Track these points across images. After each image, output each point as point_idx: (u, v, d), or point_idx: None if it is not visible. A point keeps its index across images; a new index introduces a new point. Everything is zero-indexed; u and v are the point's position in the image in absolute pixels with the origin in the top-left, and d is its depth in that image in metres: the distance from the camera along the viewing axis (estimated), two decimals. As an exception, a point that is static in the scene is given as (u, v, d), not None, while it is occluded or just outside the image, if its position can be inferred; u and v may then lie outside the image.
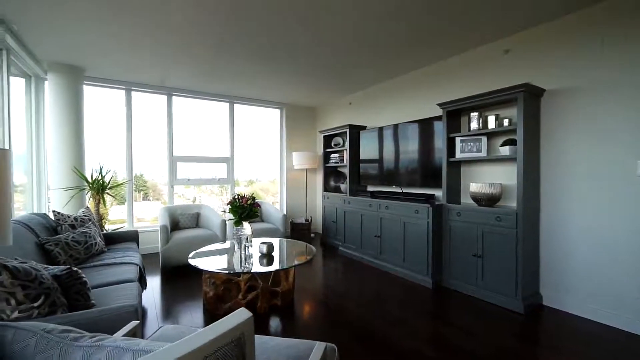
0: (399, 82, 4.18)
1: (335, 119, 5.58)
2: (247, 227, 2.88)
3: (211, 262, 2.65)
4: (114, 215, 4.46)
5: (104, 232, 3.39)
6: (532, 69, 2.77)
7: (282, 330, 2.35)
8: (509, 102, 2.82)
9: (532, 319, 2.45)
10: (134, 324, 1.30)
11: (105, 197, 3.74)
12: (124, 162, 4.43)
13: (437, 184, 3.41)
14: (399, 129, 3.93)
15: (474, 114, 3.04)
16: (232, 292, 2.59)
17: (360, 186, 4.62)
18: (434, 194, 3.42)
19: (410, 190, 3.85)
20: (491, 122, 2.92)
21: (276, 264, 2.60)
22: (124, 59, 3.47)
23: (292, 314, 2.59)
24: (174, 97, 4.76)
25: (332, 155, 5.15)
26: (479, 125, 3.01)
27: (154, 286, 3.18)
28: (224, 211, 4.51)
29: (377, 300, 2.86)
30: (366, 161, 4.47)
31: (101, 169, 3.74)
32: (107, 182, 3.74)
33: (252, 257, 2.73)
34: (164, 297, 2.94)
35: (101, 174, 3.71)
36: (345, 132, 4.72)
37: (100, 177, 3.67)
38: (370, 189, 4.45)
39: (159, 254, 3.78)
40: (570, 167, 2.54)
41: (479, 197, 2.90)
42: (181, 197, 5.17)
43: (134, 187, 4.57)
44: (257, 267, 2.52)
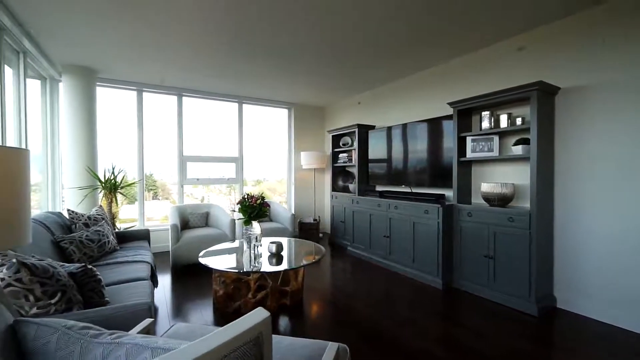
0: (407, 82, 4.15)
1: (343, 119, 5.57)
2: (256, 226, 2.89)
3: (221, 261, 2.67)
4: (124, 214, 4.53)
5: (116, 230, 3.45)
6: (545, 67, 2.71)
7: (291, 329, 2.36)
8: (522, 101, 2.77)
9: (546, 321, 2.41)
10: (148, 321, 1.32)
11: (117, 196, 3.81)
12: (135, 162, 4.50)
13: (446, 184, 3.37)
14: (407, 128, 3.90)
15: (486, 113, 2.99)
16: (242, 291, 2.61)
17: (368, 186, 4.60)
18: (443, 194, 3.39)
19: (419, 190, 3.81)
20: (503, 121, 2.87)
21: (285, 264, 2.61)
22: (135, 60, 3.52)
23: (301, 314, 2.59)
24: (184, 98, 4.81)
25: (341, 155, 5.14)
26: (491, 124, 2.97)
27: (164, 284, 3.22)
28: (233, 210, 4.55)
29: (386, 300, 2.85)
30: (375, 161, 4.45)
31: (113, 168, 3.80)
32: (119, 182, 3.80)
33: (261, 257, 2.74)
34: (174, 295, 2.97)
35: (113, 173, 3.77)
36: (353, 132, 4.70)
37: (112, 177, 3.73)
38: (379, 188, 4.43)
39: (169, 252, 3.83)
40: (587, 166, 2.48)
41: (490, 197, 2.86)
42: (189, 196, 5.22)
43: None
44: (267, 266, 2.53)
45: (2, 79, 2.50)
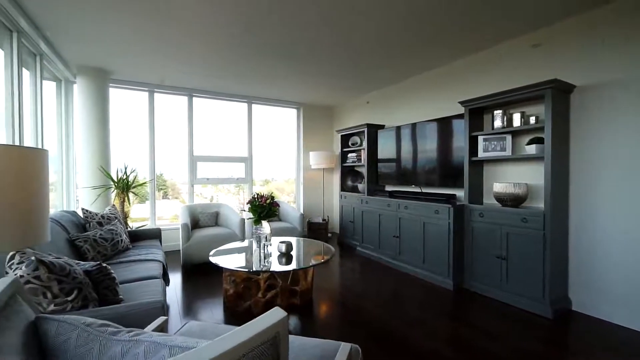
0: (416, 81, 4.11)
1: (352, 119, 5.55)
2: (266, 226, 2.90)
3: (231, 260, 2.69)
4: (135, 213, 4.60)
5: (129, 229, 3.50)
6: (558, 64, 2.65)
7: (301, 329, 2.36)
8: (535, 99, 2.72)
9: (562, 324, 2.36)
10: (161, 319, 1.33)
11: (129, 195, 3.87)
12: (147, 162, 4.56)
13: (456, 184, 3.33)
14: (417, 128, 3.86)
15: (498, 112, 2.94)
16: (252, 290, 2.62)
17: (378, 186, 4.57)
18: (454, 194, 3.35)
19: (429, 190, 3.78)
20: (516, 120, 2.82)
21: (295, 263, 2.61)
22: (148, 61, 3.57)
23: (310, 313, 2.59)
24: (195, 98, 4.86)
25: (350, 154, 5.12)
26: (503, 123, 2.92)
27: (175, 283, 3.26)
28: (242, 210, 4.58)
29: (396, 300, 2.83)
30: (384, 160, 4.42)
31: (126, 168, 3.87)
32: (132, 182, 3.86)
33: (271, 256, 2.75)
34: (185, 293, 3.00)
35: (126, 173, 3.83)
36: (362, 132, 4.68)
37: (125, 177, 3.80)
38: (388, 188, 4.40)
39: (179, 251, 3.88)
40: (602, 166, 2.42)
41: (503, 198, 2.81)
42: (199, 195, 5.28)
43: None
44: (276, 266, 2.54)
45: (20, 80, 2.56)
